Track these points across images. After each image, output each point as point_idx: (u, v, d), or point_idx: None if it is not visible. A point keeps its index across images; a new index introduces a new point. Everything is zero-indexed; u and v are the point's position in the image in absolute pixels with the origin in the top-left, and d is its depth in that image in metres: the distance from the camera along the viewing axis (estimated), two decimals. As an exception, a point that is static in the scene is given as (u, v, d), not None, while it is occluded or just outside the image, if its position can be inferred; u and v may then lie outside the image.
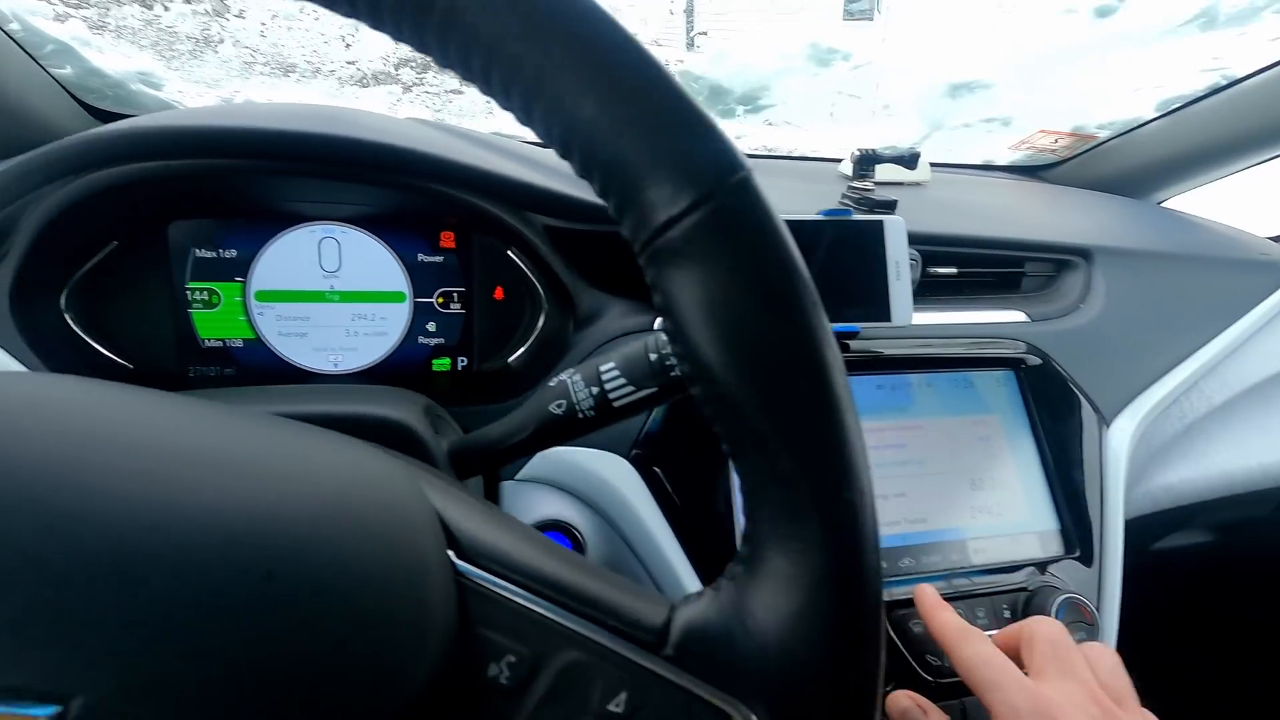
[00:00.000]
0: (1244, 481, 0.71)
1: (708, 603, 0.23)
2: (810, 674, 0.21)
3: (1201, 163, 1.00)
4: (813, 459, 0.21)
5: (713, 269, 0.20)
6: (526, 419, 0.34)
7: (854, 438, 0.21)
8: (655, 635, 0.22)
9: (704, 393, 0.22)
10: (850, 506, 0.21)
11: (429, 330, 0.57)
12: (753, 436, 0.21)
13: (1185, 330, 0.70)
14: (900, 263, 0.56)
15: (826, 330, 0.21)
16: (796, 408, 0.21)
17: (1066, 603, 0.50)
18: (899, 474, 0.55)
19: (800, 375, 0.21)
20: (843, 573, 0.21)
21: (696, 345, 0.21)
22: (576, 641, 0.21)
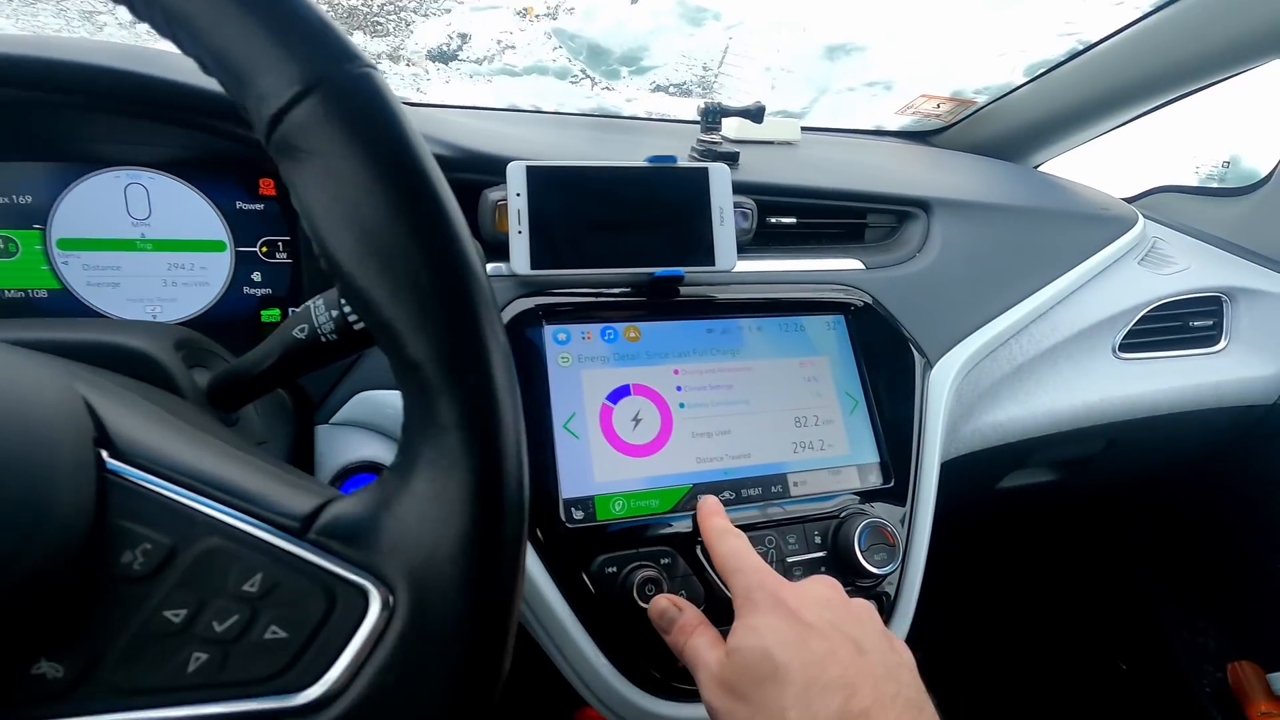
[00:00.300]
0: (1069, 419, 0.76)
1: (362, 495, 0.23)
2: (449, 557, 0.22)
3: (1067, 125, 1.05)
4: (438, 343, 0.22)
5: (329, 160, 0.21)
6: (272, 345, 0.34)
7: (483, 324, 0.22)
8: (300, 521, 0.23)
9: (342, 288, 0.22)
10: (479, 391, 0.22)
11: (254, 280, 0.56)
12: (385, 327, 0.22)
13: (1017, 279, 0.74)
14: (724, 209, 0.58)
15: (451, 219, 0.22)
16: (419, 295, 0.21)
17: (870, 526, 0.54)
18: (724, 413, 0.57)
19: (420, 261, 0.21)
20: (479, 457, 0.22)
21: (324, 239, 0.22)
22: (217, 529, 0.22)
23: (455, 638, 0.22)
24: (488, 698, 0.23)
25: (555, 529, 0.49)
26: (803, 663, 0.35)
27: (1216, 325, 0.87)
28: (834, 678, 0.34)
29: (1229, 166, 1.32)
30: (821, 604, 0.38)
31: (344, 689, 0.22)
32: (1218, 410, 0.85)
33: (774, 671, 0.35)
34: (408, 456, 0.23)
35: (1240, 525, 0.99)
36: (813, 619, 0.37)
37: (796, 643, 0.36)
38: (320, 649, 0.22)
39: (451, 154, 0.58)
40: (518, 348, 0.53)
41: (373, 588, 0.22)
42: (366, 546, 0.22)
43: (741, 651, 0.37)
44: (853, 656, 0.35)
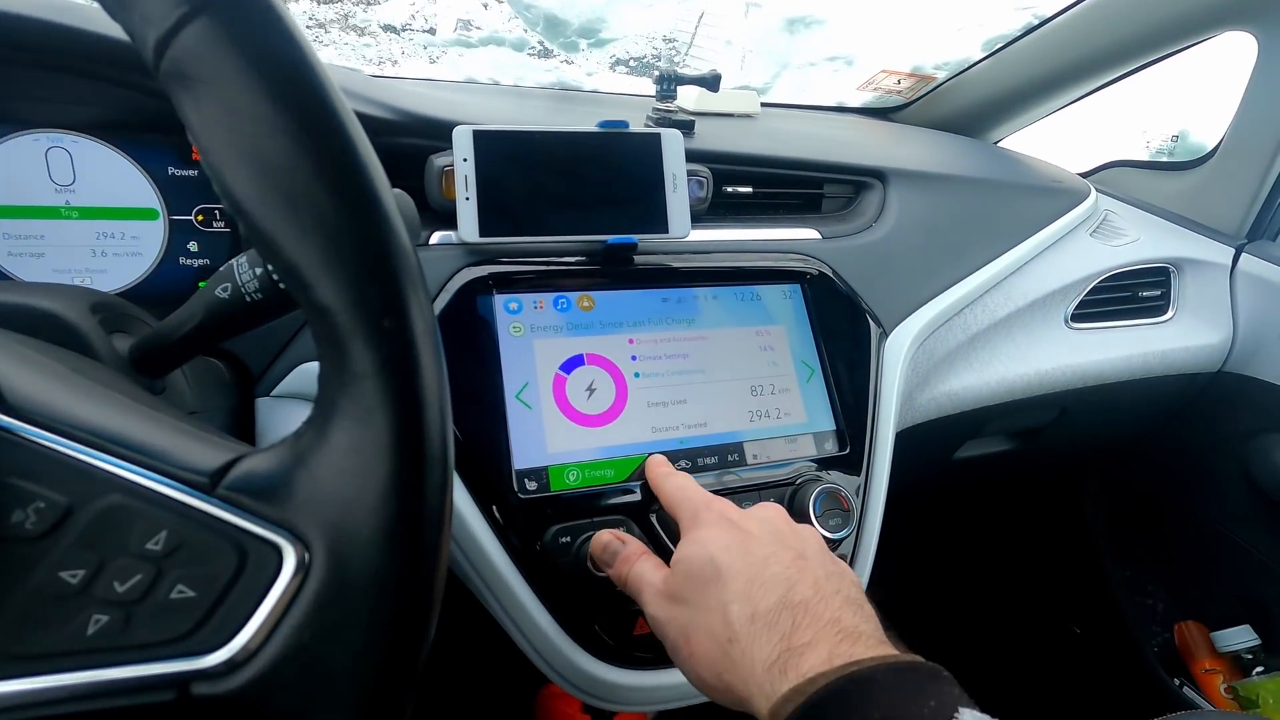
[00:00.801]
0: (1023, 388, 0.77)
1: (275, 450, 0.22)
2: (368, 509, 0.21)
3: (1024, 100, 1.06)
4: (349, 286, 0.21)
5: (223, 89, 0.20)
6: (194, 307, 0.32)
7: (396, 263, 0.21)
8: (208, 477, 0.22)
9: (246, 230, 0.21)
10: (395, 336, 0.21)
11: (191, 250, 0.54)
12: (291, 270, 0.21)
13: (971, 249, 0.75)
14: (677, 175, 0.57)
15: (359, 151, 0.21)
16: (326, 233, 0.20)
17: (825, 491, 0.54)
18: (680, 382, 0.56)
19: (326, 197, 0.20)
20: (398, 405, 0.21)
21: (222, 176, 0.20)
22: (118, 485, 0.21)
23: (377, 593, 0.21)
24: (414, 656, 0.22)
25: (508, 500, 0.49)
26: (745, 563, 0.36)
27: (1164, 295, 0.90)
28: (774, 574, 0.35)
29: (1177, 141, 1.35)
30: (764, 521, 0.40)
31: (258, 649, 0.21)
32: (1165, 378, 0.87)
33: (716, 573, 0.36)
34: (323, 408, 0.22)
35: (1186, 490, 1.03)
36: (755, 530, 0.38)
37: (739, 547, 0.37)
38: (231, 608, 0.21)
39: (396, 118, 0.56)
40: (467, 318, 0.52)
41: (287, 544, 0.21)
42: (280, 502, 0.21)
43: (685, 560, 0.38)
44: (794, 559, 0.36)
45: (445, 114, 0.58)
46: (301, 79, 0.20)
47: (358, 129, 0.21)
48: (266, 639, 0.21)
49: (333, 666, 0.21)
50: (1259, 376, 0.89)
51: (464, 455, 0.49)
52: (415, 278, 0.22)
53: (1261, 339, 0.88)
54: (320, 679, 0.21)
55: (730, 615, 0.34)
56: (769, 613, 0.33)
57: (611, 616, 0.50)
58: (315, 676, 0.21)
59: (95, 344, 0.32)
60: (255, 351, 0.49)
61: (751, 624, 0.33)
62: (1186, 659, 1.03)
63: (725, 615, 0.34)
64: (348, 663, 0.21)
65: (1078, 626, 1.17)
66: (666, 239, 0.57)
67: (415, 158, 0.56)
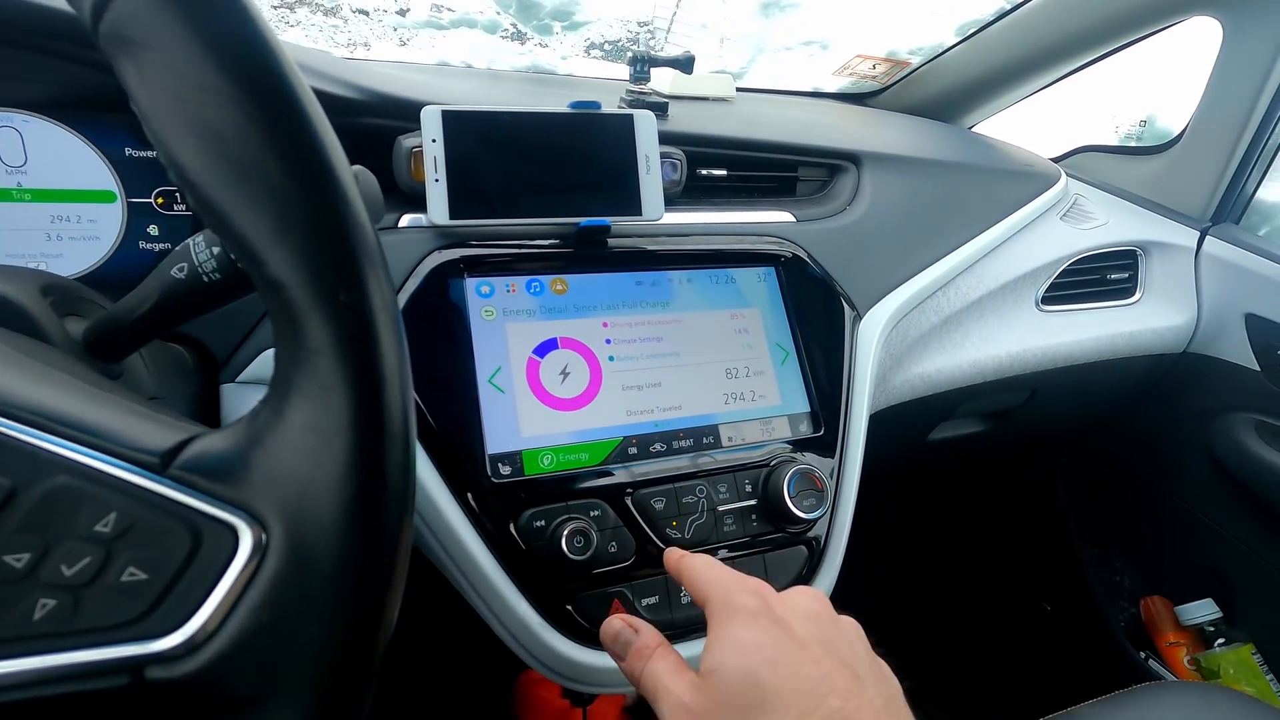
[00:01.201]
0: (994, 370, 0.78)
1: (231, 429, 0.22)
2: (326, 488, 0.21)
3: (998, 85, 1.07)
4: (302, 258, 0.20)
5: (164, 53, 0.19)
6: (150, 287, 0.31)
7: (351, 234, 0.21)
8: (160, 457, 0.21)
9: (193, 201, 0.20)
10: (352, 310, 0.21)
11: (151, 234, 0.52)
12: (242, 242, 0.20)
13: (944, 232, 0.75)
14: (650, 157, 0.56)
15: (309, 116, 0.20)
16: (276, 204, 0.20)
17: (799, 472, 0.54)
18: (654, 365, 0.56)
19: (275, 165, 0.20)
20: (356, 381, 0.21)
21: (166, 145, 0.20)
22: (65, 466, 0.20)
23: (336, 574, 0.21)
24: (375, 638, 0.22)
25: (481, 485, 0.48)
26: (795, 690, 0.30)
27: (1132, 278, 0.91)
28: (833, 710, 0.29)
29: (1145, 126, 1.37)
30: (810, 618, 0.33)
31: (215, 632, 0.20)
32: (1132, 359, 0.89)
33: (762, 699, 0.30)
34: (279, 386, 0.21)
35: (1152, 469, 1.05)
36: (802, 635, 0.32)
37: (788, 664, 0.31)
38: (185, 591, 0.20)
39: (363, 97, 0.55)
40: (438, 301, 0.51)
41: (243, 524, 0.21)
42: (235, 482, 0.21)
43: (720, 674, 0.31)
44: (850, 684, 0.30)
45: (414, 94, 0.57)
46: (248, 41, 0.19)
47: (309, 95, 0.20)
48: (223, 621, 0.20)
49: (292, 648, 0.21)
50: (1222, 357, 0.91)
51: (436, 440, 0.48)
52: (372, 250, 0.21)
53: (1224, 320, 0.90)
54: (279, 661, 0.20)
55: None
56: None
57: (587, 599, 0.50)
58: (274, 659, 0.20)
59: (46, 327, 0.31)
60: (219, 336, 0.48)
61: None
62: (1152, 633, 1.06)
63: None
64: (307, 644, 0.21)
65: (1048, 603, 1.20)
66: (640, 221, 0.56)
67: (383, 139, 0.55)
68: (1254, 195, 0.95)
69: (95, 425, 0.21)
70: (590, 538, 0.48)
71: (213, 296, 0.31)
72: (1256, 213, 0.98)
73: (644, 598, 0.50)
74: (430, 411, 0.49)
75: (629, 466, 0.52)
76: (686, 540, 0.52)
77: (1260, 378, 0.87)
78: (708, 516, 0.53)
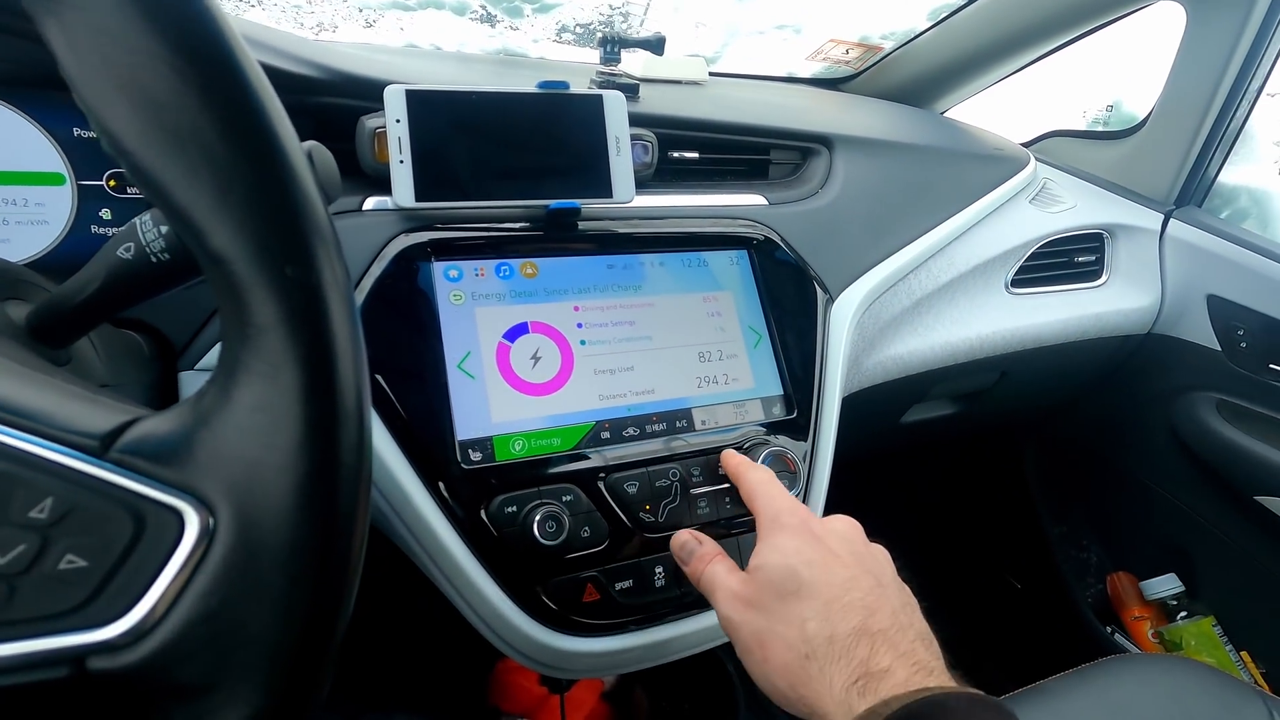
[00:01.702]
0: (965, 351, 0.79)
1: (175, 411, 0.21)
2: (277, 469, 0.20)
3: (970, 70, 1.07)
4: (245, 231, 0.19)
5: (92, 13, 0.18)
6: (95, 269, 0.30)
7: (297, 204, 0.20)
8: (99, 440, 0.20)
9: (129, 171, 0.19)
10: (300, 285, 0.20)
11: (103, 218, 0.50)
12: (181, 215, 0.19)
13: (916, 215, 0.76)
14: (620, 139, 0.56)
15: (250, 79, 0.19)
16: (216, 174, 0.19)
17: (772, 454, 0.54)
18: (627, 349, 0.56)
19: (214, 132, 0.19)
20: (306, 359, 0.20)
21: (97, 112, 0.19)
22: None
23: (289, 557, 0.20)
24: (332, 622, 0.21)
25: (450, 472, 0.48)
26: (826, 582, 0.36)
27: (1098, 260, 0.93)
28: (855, 599, 0.35)
29: (1111, 111, 1.39)
30: (844, 537, 0.40)
31: (161, 619, 0.20)
32: (1099, 340, 0.91)
33: (798, 588, 0.36)
34: (226, 365, 0.21)
35: (1118, 448, 1.07)
36: (836, 547, 0.39)
37: (821, 565, 0.37)
38: (129, 577, 0.20)
39: (325, 76, 0.53)
40: (405, 286, 0.50)
41: (189, 508, 0.20)
42: (180, 464, 0.20)
43: (766, 569, 0.38)
44: (873, 586, 0.37)
45: (378, 74, 0.56)
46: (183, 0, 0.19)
47: (249, 58, 0.19)
48: (170, 608, 0.20)
49: (244, 634, 0.20)
50: (1184, 337, 0.93)
51: (404, 427, 0.47)
52: (321, 222, 0.20)
53: (1187, 302, 0.92)
54: (230, 648, 0.20)
55: (808, 632, 0.35)
56: (847, 637, 0.34)
57: (561, 585, 0.49)
58: (224, 645, 0.20)
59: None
60: (176, 322, 0.46)
61: (830, 645, 0.34)
62: (1118, 608, 1.09)
63: (803, 631, 0.35)
64: (259, 630, 0.20)
65: (1018, 581, 1.22)
66: (611, 204, 0.56)
67: (346, 119, 0.54)
68: (1216, 179, 0.97)
69: (29, 408, 0.20)
70: (563, 523, 0.48)
71: (162, 278, 0.30)
72: (1218, 196, 1.01)
73: (618, 582, 0.50)
74: (398, 398, 0.48)
75: (602, 451, 0.52)
76: (660, 523, 0.52)
77: (1221, 358, 0.90)
78: (681, 500, 0.53)
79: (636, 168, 0.58)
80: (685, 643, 0.53)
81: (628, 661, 0.53)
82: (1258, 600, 0.95)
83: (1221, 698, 0.63)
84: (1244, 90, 0.88)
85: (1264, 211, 1.35)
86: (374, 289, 0.49)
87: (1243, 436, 0.87)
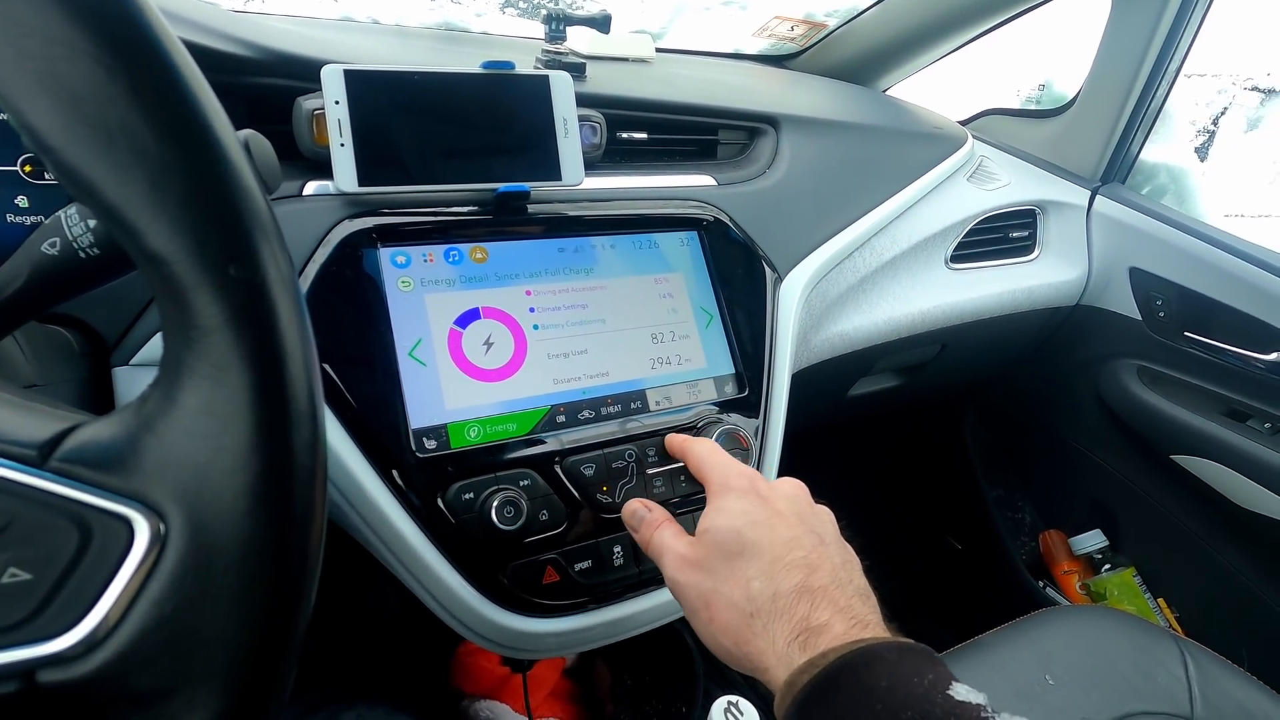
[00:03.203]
0: (907, 327, 0.82)
1: (118, 416, 0.20)
2: (227, 471, 0.20)
3: (911, 47, 1.09)
4: (183, 229, 0.19)
5: (7, 4, 0.17)
6: (18, 265, 0.29)
7: (237, 199, 0.19)
8: (38, 449, 0.19)
9: (54, 169, 0.19)
10: (245, 284, 0.19)
11: (20, 206, 0.47)
12: (113, 214, 0.19)
13: (860, 194, 0.77)
14: (568, 120, 0.55)
15: (179, 65, 0.19)
16: (148, 169, 0.18)
17: (725, 432, 0.55)
18: (580, 333, 0.56)
19: (144, 125, 0.18)
20: (254, 359, 0.20)
21: (18, 108, 0.18)
22: (-73, 464, 0.18)
23: (244, 560, 0.20)
24: (292, 623, 0.21)
25: (405, 460, 0.47)
26: (770, 542, 0.37)
27: (1031, 236, 0.97)
28: (797, 558, 0.37)
29: (1044, 90, 1.44)
30: (790, 498, 0.41)
31: (115, 628, 0.19)
32: (1031, 313, 0.95)
33: (742, 548, 0.37)
34: (169, 368, 0.20)
35: (1048, 413, 1.13)
36: (782, 508, 0.40)
37: (765, 524, 0.38)
38: (77, 589, 0.19)
39: (257, 55, 0.51)
40: (351, 273, 0.49)
41: (138, 515, 0.20)
42: (126, 471, 0.20)
43: (712, 531, 0.39)
44: (815, 544, 0.38)
45: (314, 52, 0.54)
46: None
47: (177, 45, 0.19)
48: (123, 616, 0.19)
49: (201, 638, 0.20)
50: (1109, 308, 0.98)
51: (356, 417, 0.47)
52: (264, 218, 0.20)
53: (1111, 274, 0.97)
54: (187, 653, 0.20)
55: (752, 591, 0.36)
56: (789, 594, 0.35)
57: (521, 568, 0.50)
58: (181, 651, 0.20)
59: (-105, 312, 0.28)
60: (107, 315, 0.44)
61: (773, 603, 0.35)
62: (1049, 563, 1.16)
63: (748, 590, 0.36)
64: (218, 634, 0.20)
65: (958, 542, 1.29)
66: (560, 187, 0.55)
67: (281, 101, 0.52)
68: (1138, 157, 1.02)
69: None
70: (520, 507, 0.48)
71: (91, 274, 0.29)
72: (1140, 173, 1.06)
73: (577, 562, 0.51)
74: (348, 388, 0.47)
75: (558, 434, 0.52)
76: (617, 504, 0.52)
77: (1142, 326, 0.95)
78: (638, 480, 0.54)
79: (585, 149, 0.58)
80: (644, 618, 0.55)
81: (589, 639, 0.54)
82: (1173, 551, 1.03)
83: (1139, 642, 0.68)
84: (1164, 71, 0.92)
85: (1180, 187, 1.43)
86: (318, 277, 0.48)
87: (1160, 400, 0.93)
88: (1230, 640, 0.90)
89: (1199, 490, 0.92)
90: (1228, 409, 0.90)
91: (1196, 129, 1.76)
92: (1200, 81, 1.80)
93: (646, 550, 0.44)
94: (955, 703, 0.29)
